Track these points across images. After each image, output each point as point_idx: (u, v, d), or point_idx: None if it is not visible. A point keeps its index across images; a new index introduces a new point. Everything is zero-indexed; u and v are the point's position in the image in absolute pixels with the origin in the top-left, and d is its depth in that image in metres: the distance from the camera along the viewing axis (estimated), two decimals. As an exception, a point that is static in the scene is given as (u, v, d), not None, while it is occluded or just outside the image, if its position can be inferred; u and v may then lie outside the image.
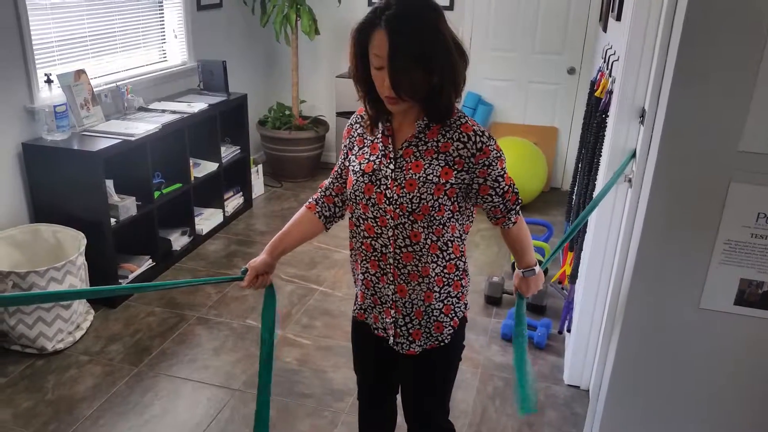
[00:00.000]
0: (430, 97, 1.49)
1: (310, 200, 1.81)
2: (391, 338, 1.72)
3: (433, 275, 1.63)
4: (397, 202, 1.55)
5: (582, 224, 2.43)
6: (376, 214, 1.60)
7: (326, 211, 1.79)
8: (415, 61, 1.43)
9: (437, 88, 1.47)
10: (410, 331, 1.69)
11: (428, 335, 1.70)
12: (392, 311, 1.69)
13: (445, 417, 1.90)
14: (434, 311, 1.67)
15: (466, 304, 1.75)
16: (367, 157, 1.62)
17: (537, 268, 1.80)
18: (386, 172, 1.57)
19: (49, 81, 3.34)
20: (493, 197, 1.60)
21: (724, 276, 1.64)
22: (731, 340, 1.70)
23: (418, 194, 1.53)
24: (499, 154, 1.56)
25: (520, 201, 1.67)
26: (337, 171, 1.77)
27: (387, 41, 1.41)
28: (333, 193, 1.78)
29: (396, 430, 2.08)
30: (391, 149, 1.58)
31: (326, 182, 1.80)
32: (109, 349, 3.05)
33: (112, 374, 2.87)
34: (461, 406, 2.72)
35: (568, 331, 3.04)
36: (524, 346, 1.94)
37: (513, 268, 3.80)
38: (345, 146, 1.74)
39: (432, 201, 1.54)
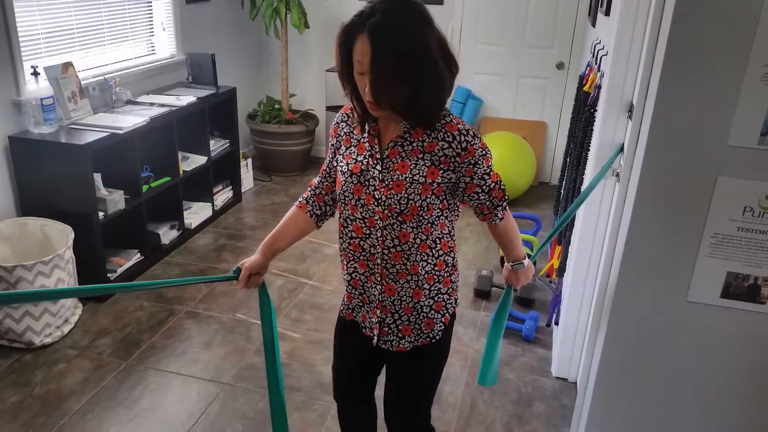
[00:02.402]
0: (410, 105, 1.48)
1: (301, 199, 1.80)
2: (376, 338, 1.72)
3: (423, 273, 1.63)
4: (386, 203, 1.55)
5: (570, 218, 2.45)
6: (365, 214, 1.59)
7: (317, 209, 1.78)
8: (393, 72, 1.41)
9: (417, 96, 1.45)
10: (399, 327, 1.69)
11: (419, 332, 1.69)
12: (378, 311, 1.69)
13: (426, 420, 1.88)
14: (424, 308, 1.67)
15: (456, 300, 1.75)
16: (355, 157, 1.61)
17: (526, 261, 1.81)
18: (374, 173, 1.57)
19: (35, 74, 3.31)
20: (480, 195, 1.60)
21: (710, 269, 1.65)
22: (717, 333, 1.72)
23: (405, 195, 1.53)
24: (484, 152, 1.56)
25: (506, 197, 1.67)
26: (325, 170, 1.76)
27: (369, 49, 1.40)
28: (323, 192, 1.77)
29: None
30: (377, 149, 1.58)
31: (315, 181, 1.79)
32: (97, 343, 3.04)
33: (101, 368, 2.86)
34: (450, 399, 2.74)
35: (556, 323, 3.07)
36: (501, 329, 1.98)
37: (502, 262, 3.81)
38: (332, 145, 1.72)
39: (420, 201, 1.54)
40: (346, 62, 1.49)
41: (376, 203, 1.57)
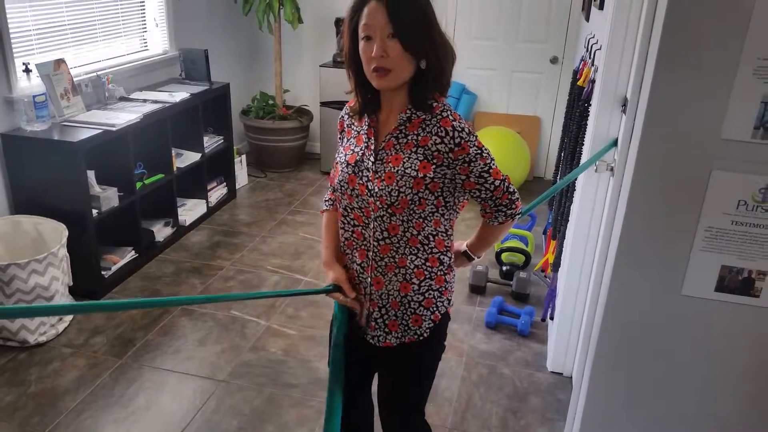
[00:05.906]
0: (416, 77, 1.53)
1: (326, 205, 1.81)
2: (367, 332, 1.72)
3: (411, 267, 1.62)
4: (377, 195, 1.56)
5: (554, 193, 2.52)
6: (361, 204, 1.60)
7: None
8: (414, 13, 1.48)
9: (427, 66, 1.51)
10: (386, 322, 1.68)
11: (406, 328, 1.68)
12: (368, 303, 1.69)
13: (420, 417, 1.87)
14: (412, 303, 1.65)
15: (449, 300, 1.72)
16: (353, 148, 1.64)
17: (475, 261, 1.82)
18: (368, 164, 1.58)
19: (27, 70, 3.29)
20: (482, 193, 1.58)
21: (705, 263, 1.66)
22: (712, 326, 1.72)
23: (396, 187, 1.53)
24: (480, 152, 1.55)
25: (515, 206, 1.64)
26: (337, 160, 1.77)
27: (383, 7, 1.46)
28: None
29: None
30: (372, 141, 1.59)
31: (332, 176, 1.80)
32: (92, 341, 3.03)
33: (96, 366, 2.85)
34: (446, 394, 2.74)
35: (551, 318, 3.07)
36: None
37: (497, 258, 3.82)
38: (339, 138, 1.75)
39: (411, 195, 1.53)
40: (352, 39, 1.54)
41: (369, 194, 1.58)
